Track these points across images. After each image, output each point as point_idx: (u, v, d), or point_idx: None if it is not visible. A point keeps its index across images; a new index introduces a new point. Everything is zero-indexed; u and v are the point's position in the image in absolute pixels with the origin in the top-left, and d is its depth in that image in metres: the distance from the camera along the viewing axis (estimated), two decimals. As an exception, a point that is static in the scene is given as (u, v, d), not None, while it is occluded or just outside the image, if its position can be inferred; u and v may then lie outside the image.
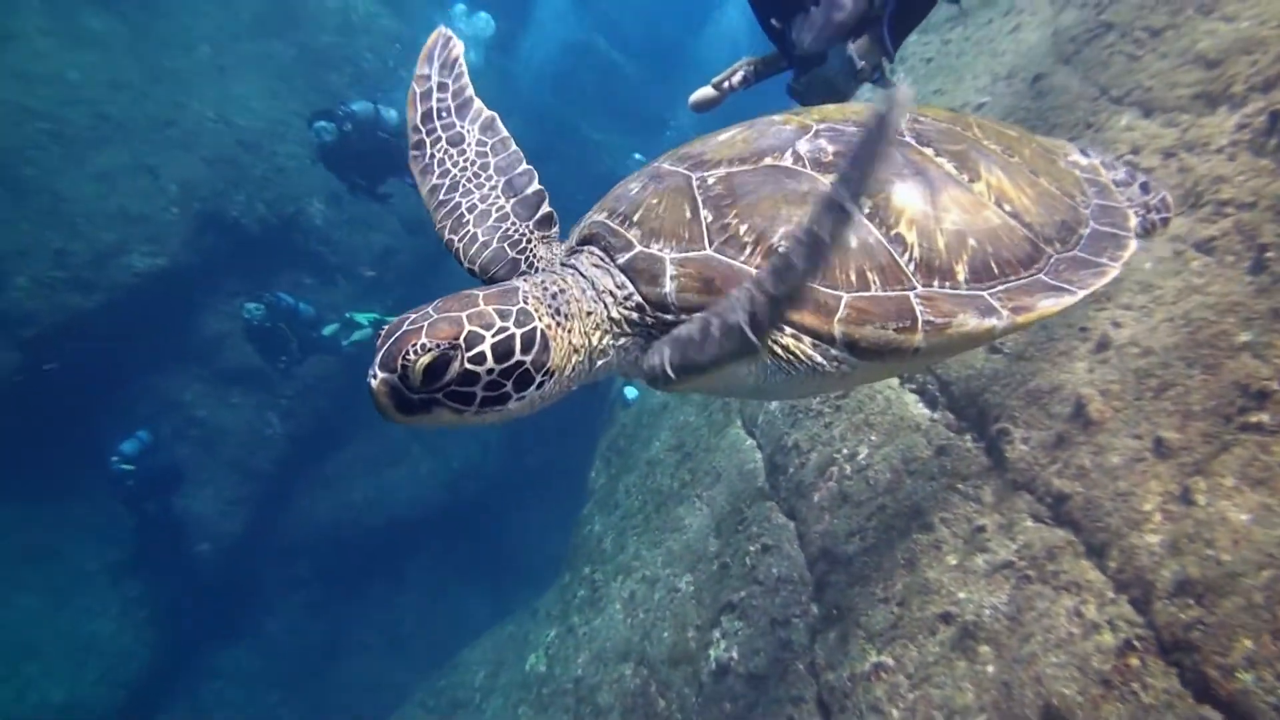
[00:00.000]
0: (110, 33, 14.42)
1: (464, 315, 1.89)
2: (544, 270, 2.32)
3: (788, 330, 1.99)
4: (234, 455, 14.12)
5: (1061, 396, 4.18)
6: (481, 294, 1.98)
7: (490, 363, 1.88)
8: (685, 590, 6.49)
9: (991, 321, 2.04)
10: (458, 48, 2.98)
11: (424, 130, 2.83)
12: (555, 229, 2.64)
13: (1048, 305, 2.13)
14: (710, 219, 2.10)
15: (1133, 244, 2.46)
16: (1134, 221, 2.58)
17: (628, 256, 2.14)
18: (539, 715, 8.11)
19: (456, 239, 2.57)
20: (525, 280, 2.13)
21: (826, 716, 4.43)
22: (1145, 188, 2.81)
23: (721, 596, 5.87)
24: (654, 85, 25.60)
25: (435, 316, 1.89)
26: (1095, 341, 4.21)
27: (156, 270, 13.08)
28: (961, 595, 4.04)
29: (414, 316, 1.92)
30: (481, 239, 2.53)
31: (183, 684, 14.09)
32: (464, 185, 2.68)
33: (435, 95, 2.88)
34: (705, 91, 4.59)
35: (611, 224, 2.24)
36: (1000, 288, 2.13)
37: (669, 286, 2.05)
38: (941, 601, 4.11)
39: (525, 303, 2.00)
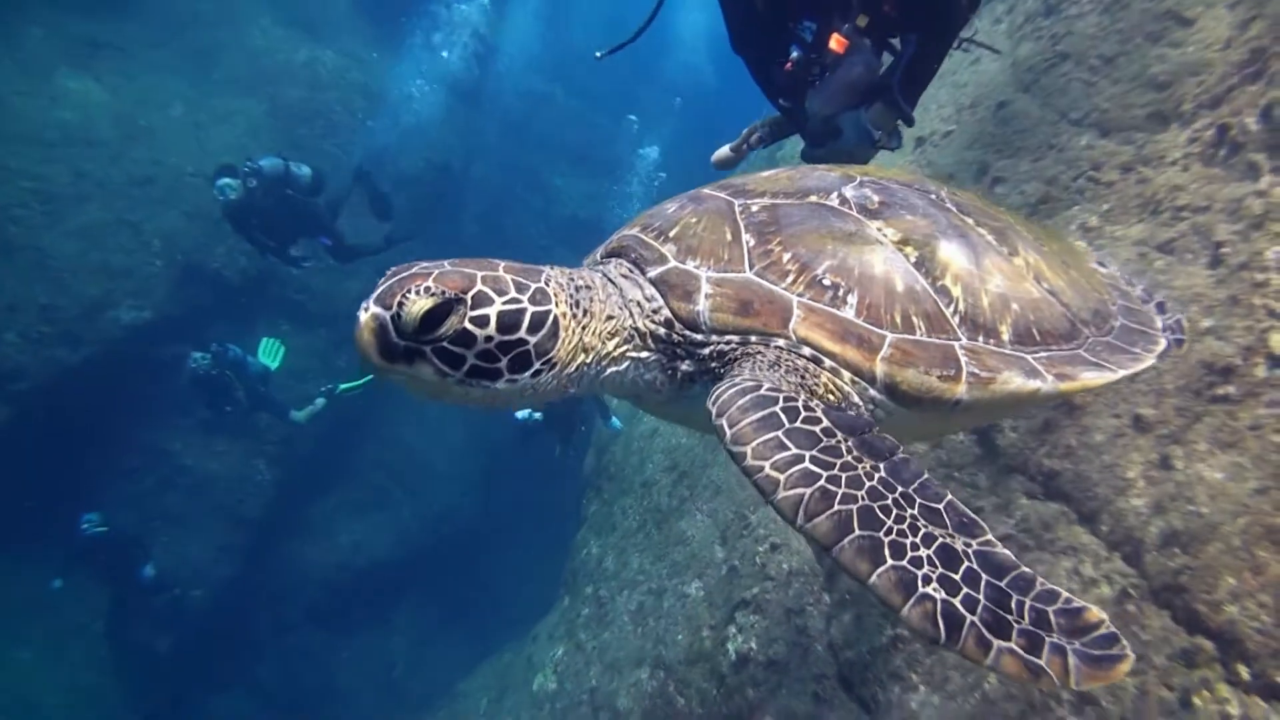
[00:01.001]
0: (86, 93, 14.77)
1: (478, 274, 1.82)
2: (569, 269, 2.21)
3: (826, 363, 1.95)
4: (223, 502, 14.34)
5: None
6: (504, 263, 1.92)
7: (491, 329, 1.80)
8: (695, 595, 6.88)
9: (1036, 383, 2.01)
10: None
11: None
12: None
13: (1091, 377, 2.12)
14: (752, 243, 2.06)
15: (1162, 342, 2.47)
16: (1159, 323, 2.62)
17: (660, 270, 2.08)
18: (553, 732, 8.40)
19: None
20: (552, 267, 2.07)
21: (849, 689, 4.85)
22: (1161, 308, 2.90)
23: (734, 595, 6.27)
24: (611, 130, 26.24)
25: (448, 267, 1.83)
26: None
27: (142, 322, 13.37)
28: (968, 568, 4.47)
29: (425, 264, 1.85)
30: None
31: (177, 732, 14.29)
32: None
33: None
34: (723, 152, 4.74)
35: (645, 238, 2.19)
36: (1043, 354, 2.11)
37: (702, 304, 1.99)
38: (950, 576, 4.55)
39: (547, 284, 1.93)
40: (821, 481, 1.69)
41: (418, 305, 1.73)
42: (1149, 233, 4.75)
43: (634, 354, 2.12)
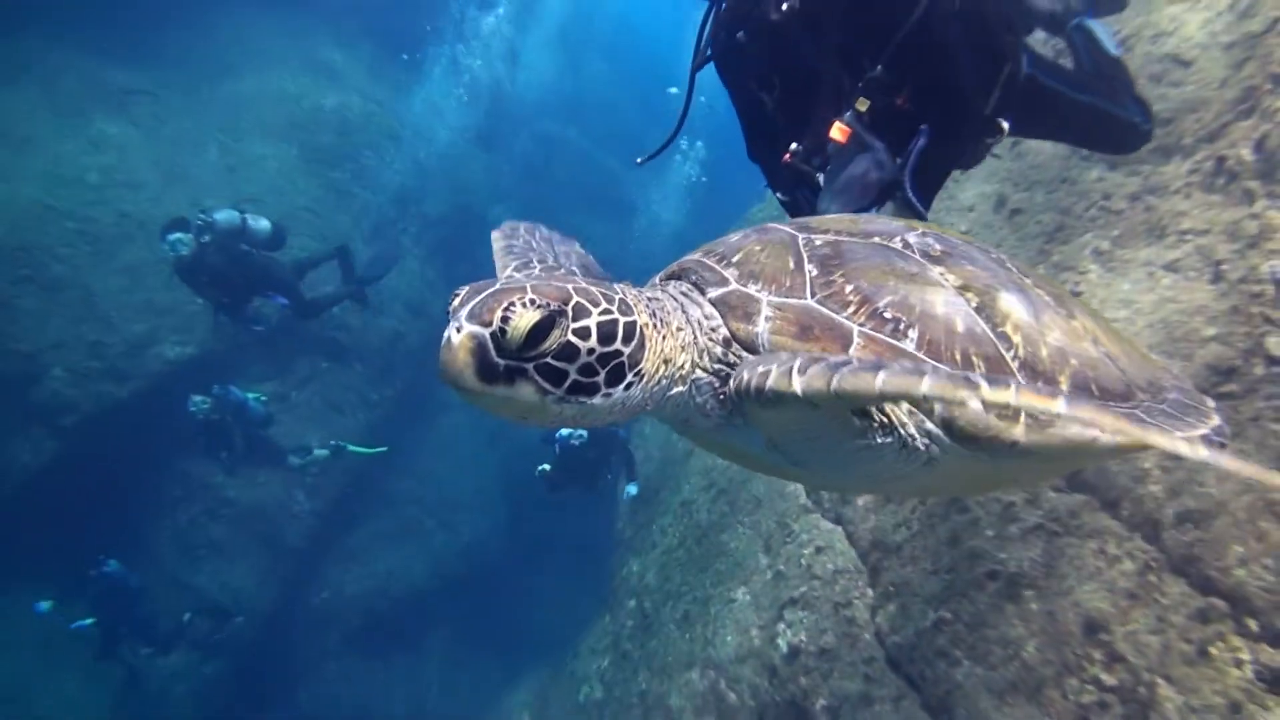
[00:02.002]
0: (124, 136, 15.46)
1: (570, 286, 1.75)
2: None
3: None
4: (265, 532, 14.84)
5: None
6: (581, 279, 1.85)
7: (593, 341, 1.73)
8: (741, 600, 7.42)
9: (1095, 432, 1.89)
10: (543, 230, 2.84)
11: (519, 241, 2.67)
12: None
13: (1150, 435, 1.90)
14: (815, 273, 2.04)
15: (1216, 419, 2.39)
16: (1212, 403, 2.54)
17: (721, 291, 2.07)
18: (604, 735, 8.89)
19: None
20: (619, 284, 2.01)
21: (897, 668, 5.41)
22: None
23: (782, 595, 6.82)
24: (623, 172, 26.99)
25: (534, 281, 1.73)
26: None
27: (186, 358, 13.94)
28: (1002, 555, 5.05)
29: (497, 285, 1.74)
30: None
31: (222, 756, 14.79)
32: (539, 259, 2.47)
33: (523, 236, 2.73)
34: None
35: (707, 261, 2.18)
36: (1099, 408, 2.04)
37: (762, 326, 1.96)
38: (986, 564, 5.12)
39: (626, 296, 1.87)
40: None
41: (525, 319, 1.62)
42: (1156, 254, 5.32)
43: (693, 373, 2.04)
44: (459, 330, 1.63)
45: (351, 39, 20.54)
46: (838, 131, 3.53)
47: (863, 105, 3.55)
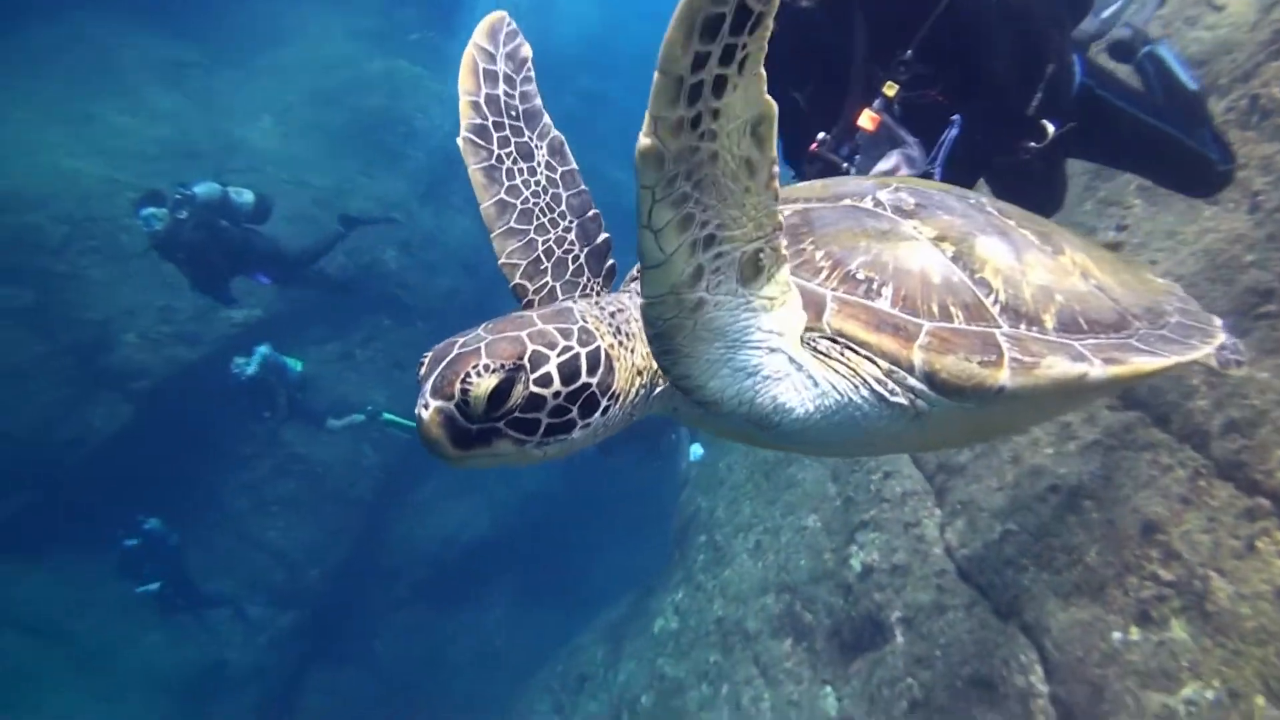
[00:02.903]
0: (179, 109, 16.10)
1: (523, 334, 1.75)
2: (597, 295, 2.22)
3: (861, 351, 1.89)
4: (335, 486, 15.54)
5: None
6: (535, 313, 1.84)
7: (557, 385, 1.73)
8: (813, 527, 7.94)
9: (1083, 367, 1.94)
10: (526, 48, 2.67)
11: (489, 120, 2.55)
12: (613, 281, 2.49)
13: (1142, 361, 2.07)
14: (784, 244, 1.85)
15: (1221, 337, 2.46)
16: (1219, 322, 2.58)
17: None
18: (681, 661, 9.30)
19: (532, 289, 2.37)
20: (576, 301, 2.02)
21: (967, 579, 5.94)
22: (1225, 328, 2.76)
23: (852, 519, 7.34)
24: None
25: (490, 337, 1.73)
26: None
27: (253, 321, 14.55)
28: (1062, 470, 5.56)
29: (462, 340, 1.76)
30: (560, 296, 2.37)
31: (300, 704, 15.55)
32: (537, 218, 2.48)
33: (502, 85, 2.60)
34: None
35: None
36: (1090, 341, 2.05)
37: None
38: (1047, 479, 5.63)
39: (584, 321, 1.85)
40: None
41: (483, 386, 1.64)
42: (1198, 189, 5.79)
43: None
44: (426, 407, 1.66)
45: (392, 5, 21.05)
46: (867, 119, 3.41)
47: (891, 90, 3.40)
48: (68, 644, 13.48)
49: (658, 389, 2.00)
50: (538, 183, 2.55)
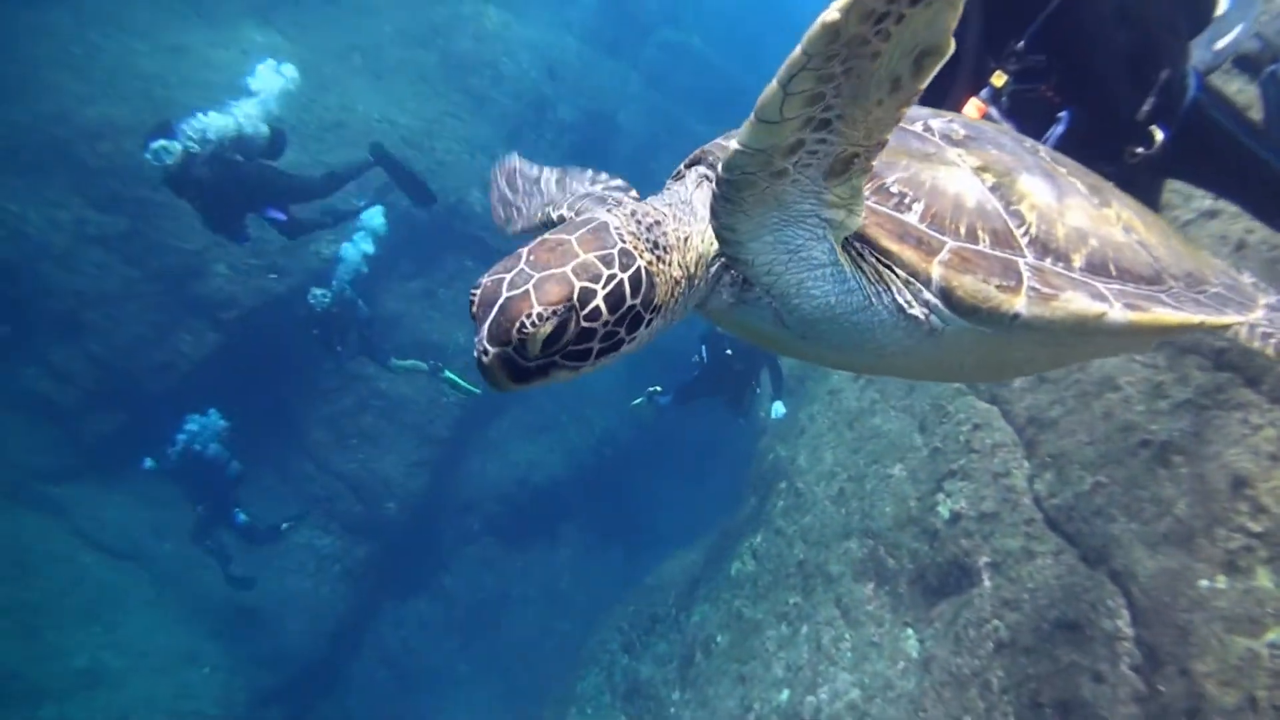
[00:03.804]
0: (271, 45, 16.46)
1: (568, 271, 1.79)
2: (631, 202, 2.22)
3: (885, 260, 1.96)
4: (414, 421, 16.01)
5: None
6: (574, 239, 1.86)
7: (605, 315, 1.80)
8: (898, 475, 8.24)
9: (1102, 307, 1.97)
10: (529, 169, 2.99)
11: (509, 196, 2.91)
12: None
13: (1165, 313, 2.10)
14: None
15: (1260, 312, 2.50)
16: (1264, 300, 2.62)
17: None
18: (759, 603, 9.63)
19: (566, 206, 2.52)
20: (611, 214, 2.00)
21: (1055, 527, 6.26)
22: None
23: (940, 469, 7.64)
24: (743, 78, 27.73)
25: (537, 276, 1.77)
26: (1235, 242, 5.91)
27: (340, 255, 15.03)
28: (1154, 427, 5.86)
29: (509, 277, 1.79)
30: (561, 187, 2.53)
31: (372, 634, 16.16)
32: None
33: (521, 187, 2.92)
34: None
35: (724, 144, 2.16)
36: (1116, 286, 2.08)
37: None
38: (1138, 434, 5.93)
39: (623, 240, 1.89)
40: None
41: (539, 333, 1.72)
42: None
43: (710, 267, 2.11)
44: (486, 354, 1.74)
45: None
46: (973, 108, 3.44)
47: (999, 80, 3.44)
48: (149, 566, 14.04)
49: (694, 291, 2.07)
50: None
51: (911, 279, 1.93)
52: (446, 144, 16.84)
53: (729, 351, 13.00)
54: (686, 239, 2.02)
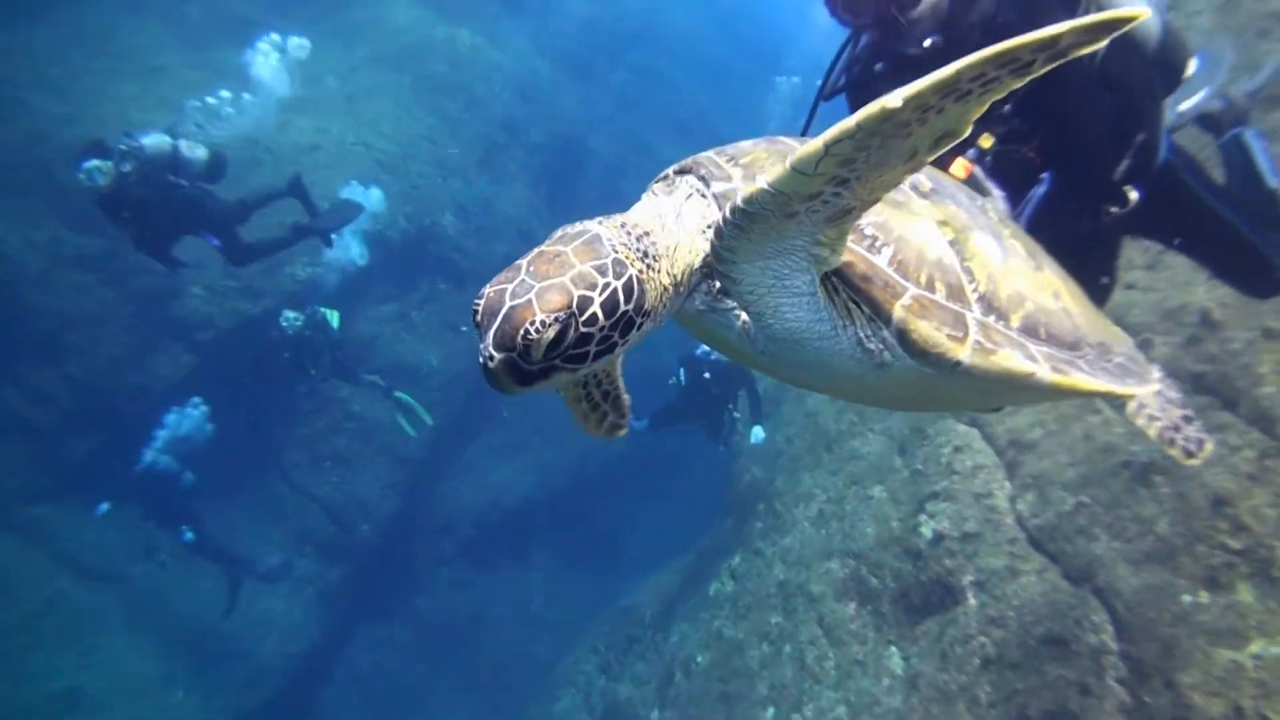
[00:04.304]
0: (248, 66, 16.58)
1: (567, 280, 1.90)
2: (619, 215, 2.27)
3: (849, 294, 2.10)
4: (388, 443, 16.04)
5: (1189, 311, 6.20)
6: (570, 250, 1.97)
7: (602, 320, 1.91)
8: (879, 497, 8.42)
9: (1033, 367, 2.18)
10: None
11: None
12: None
13: (1082, 379, 2.32)
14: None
15: (1154, 386, 2.79)
16: (1158, 373, 2.91)
17: (725, 186, 2.20)
18: (740, 623, 9.78)
19: None
20: (603, 226, 2.09)
21: (1038, 546, 6.47)
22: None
23: (921, 490, 7.82)
24: (711, 103, 28.16)
25: (538, 285, 1.88)
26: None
27: (316, 278, 15.13)
28: (1134, 448, 6.08)
29: (511, 287, 1.89)
30: None
31: (346, 656, 16.23)
32: None
33: None
34: None
35: (718, 159, 2.31)
36: (1045, 349, 2.30)
37: None
38: (1119, 455, 6.16)
39: (615, 250, 2.00)
40: None
41: (543, 338, 1.82)
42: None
43: (694, 278, 2.22)
44: (491, 359, 1.83)
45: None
46: (960, 168, 3.57)
47: (987, 142, 3.60)
48: (125, 588, 14.12)
49: (679, 297, 2.18)
50: None
51: (874, 316, 2.08)
52: (421, 167, 17.02)
53: (707, 375, 13.09)
54: (674, 248, 2.13)
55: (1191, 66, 4.26)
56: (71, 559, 13.77)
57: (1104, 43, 1.51)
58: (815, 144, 1.62)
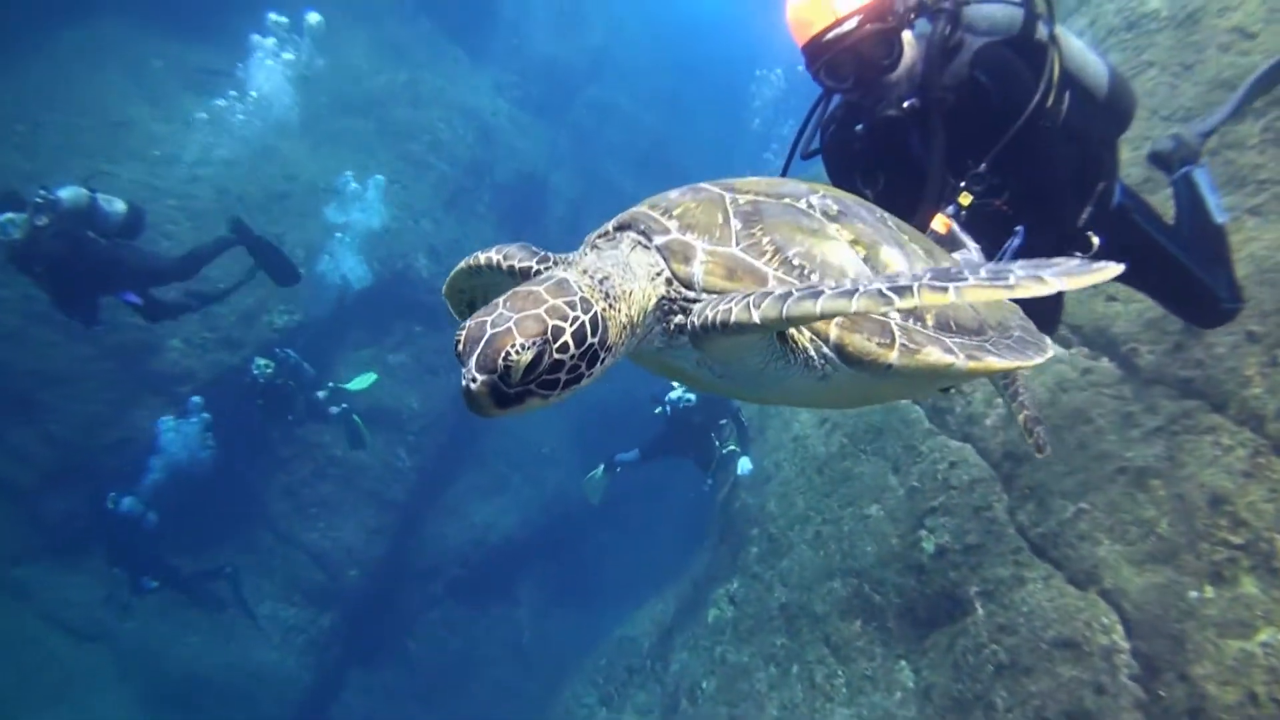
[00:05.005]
0: (213, 117, 16.84)
1: (542, 312, 2.09)
2: (579, 260, 2.52)
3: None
4: (372, 488, 16.28)
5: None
6: (542, 289, 2.16)
7: (572, 349, 2.09)
8: (876, 515, 8.63)
9: (951, 359, 2.40)
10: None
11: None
12: None
13: (993, 360, 2.56)
14: (739, 227, 2.47)
15: (1051, 351, 3.00)
16: (1049, 340, 3.15)
17: (665, 239, 2.44)
18: (744, 646, 9.95)
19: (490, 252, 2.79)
20: (566, 270, 2.31)
21: (1042, 554, 6.72)
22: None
23: (919, 506, 8.04)
24: (668, 134, 28.64)
25: (516, 316, 2.06)
26: None
27: (294, 325, 15.36)
28: (1129, 454, 6.37)
29: (490, 318, 2.07)
30: (510, 247, 2.78)
31: (339, 703, 16.36)
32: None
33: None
34: None
35: (653, 214, 2.54)
36: (958, 340, 2.54)
37: (697, 268, 2.37)
38: (1115, 461, 6.43)
39: (582, 290, 2.20)
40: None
41: (522, 360, 1.99)
42: (1239, 201, 6.50)
43: (647, 316, 2.41)
44: (474, 382, 1.99)
45: (412, 16, 21.98)
46: (939, 224, 3.85)
47: (966, 199, 3.88)
48: (111, 645, 14.25)
49: (634, 338, 2.39)
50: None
51: (815, 337, 2.34)
52: (391, 210, 17.25)
53: (686, 403, 13.50)
54: (630, 294, 2.33)
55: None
56: (59, 618, 13.91)
57: None
58: (810, 307, 1.95)
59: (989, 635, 6.79)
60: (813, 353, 2.36)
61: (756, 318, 2.05)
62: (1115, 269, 1.89)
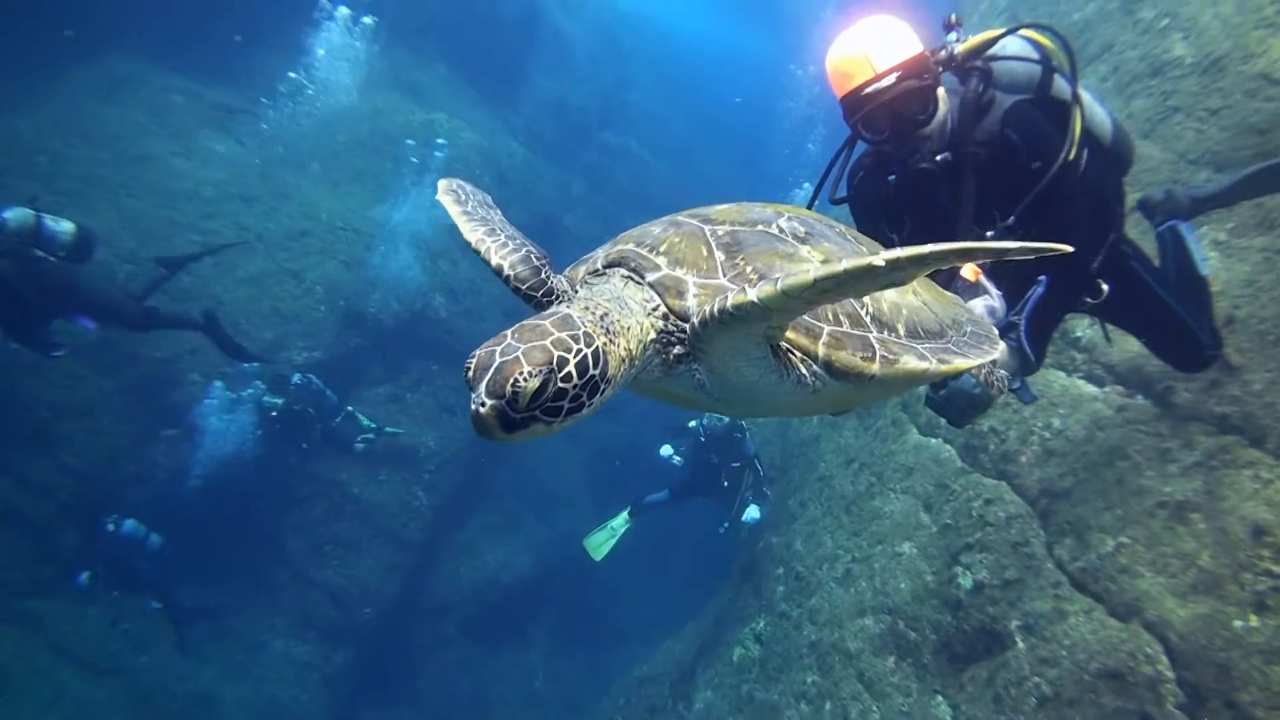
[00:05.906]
0: (232, 154, 17.16)
1: (548, 343, 2.18)
2: (579, 296, 2.68)
3: (784, 344, 2.50)
4: (387, 526, 16.46)
5: None
6: (548, 323, 2.26)
7: (575, 379, 2.19)
8: (909, 553, 8.79)
9: (925, 365, 2.64)
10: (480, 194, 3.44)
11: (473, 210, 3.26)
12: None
13: (960, 362, 2.81)
14: (723, 258, 2.61)
15: (1001, 345, 3.28)
16: (997, 333, 3.43)
17: (657, 276, 2.58)
18: (772, 685, 10.08)
19: (501, 254, 2.95)
20: (570, 306, 2.44)
21: (1082, 588, 6.91)
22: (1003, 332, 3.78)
23: (954, 544, 8.21)
24: (676, 177, 29.09)
25: (523, 346, 2.16)
26: (1224, 318, 6.58)
27: (313, 362, 15.56)
28: (1167, 489, 6.57)
29: (499, 348, 2.17)
30: (519, 255, 2.91)
31: (350, 742, 16.44)
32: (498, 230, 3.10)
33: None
34: None
35: (641, 251, 2.67)
36: (928, 345, 2.77)
37: (691, 300, 2.49)
38: (1153, 496, 6.63)
39: (585, 326, 2.30)
40: None
41: (529, 386, 2.09)
42: (1270, 242, 6.80)
43: (646, 349, 2.54)
44: (483, 406, 2.09)
45: (429, 58, 22.36)
46: (969, 272, 4.17)
47: None
48: (124, 679, 14.32)
49: (633, 370, 2.52)
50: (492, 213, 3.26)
51: (805, 356, 2.52)
52: (411, 250, 17.53)
53: (703, 439, 13.93)
54: (629, 329, 2.46)
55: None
56: (72, 652, 13.95)
57: None
58: (805, 277, 2.04)
59: (1031, 668, 6.95)
60: (804, 371, 2.55)
61: (754, 296, 2.15)
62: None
